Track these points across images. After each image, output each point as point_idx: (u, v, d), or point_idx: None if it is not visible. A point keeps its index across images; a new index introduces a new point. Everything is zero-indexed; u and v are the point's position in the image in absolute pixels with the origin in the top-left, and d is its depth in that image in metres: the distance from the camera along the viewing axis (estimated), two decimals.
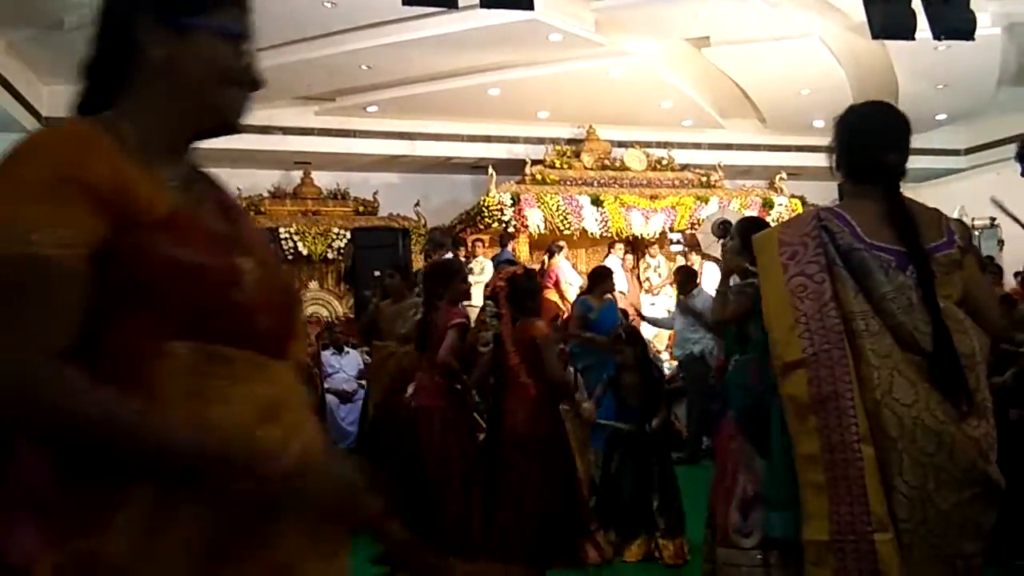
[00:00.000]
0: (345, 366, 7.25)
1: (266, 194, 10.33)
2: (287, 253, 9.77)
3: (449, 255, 7.66)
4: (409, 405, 3.67)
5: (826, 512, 1.65)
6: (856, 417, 1.64)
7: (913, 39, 6.76)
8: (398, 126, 10.40)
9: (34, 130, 1.05)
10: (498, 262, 8.01)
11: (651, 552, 3.81)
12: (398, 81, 9.36)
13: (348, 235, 9.35)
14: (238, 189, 10.03)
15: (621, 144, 11.03)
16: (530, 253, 9.53)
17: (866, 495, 1.60)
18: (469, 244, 9.13)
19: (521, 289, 3.42)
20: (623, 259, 9.80)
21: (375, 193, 10.64)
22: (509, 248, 8.96)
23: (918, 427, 1.63)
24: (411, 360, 4.15)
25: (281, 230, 9.75)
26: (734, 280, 2.77)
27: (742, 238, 2.77)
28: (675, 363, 7.27)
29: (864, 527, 1.60)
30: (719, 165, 11.04)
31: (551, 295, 7.94)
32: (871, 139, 1.90)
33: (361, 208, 10.49)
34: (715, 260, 8.78)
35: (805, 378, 1.69)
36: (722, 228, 8.86)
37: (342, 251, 9.35)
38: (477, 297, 7.96)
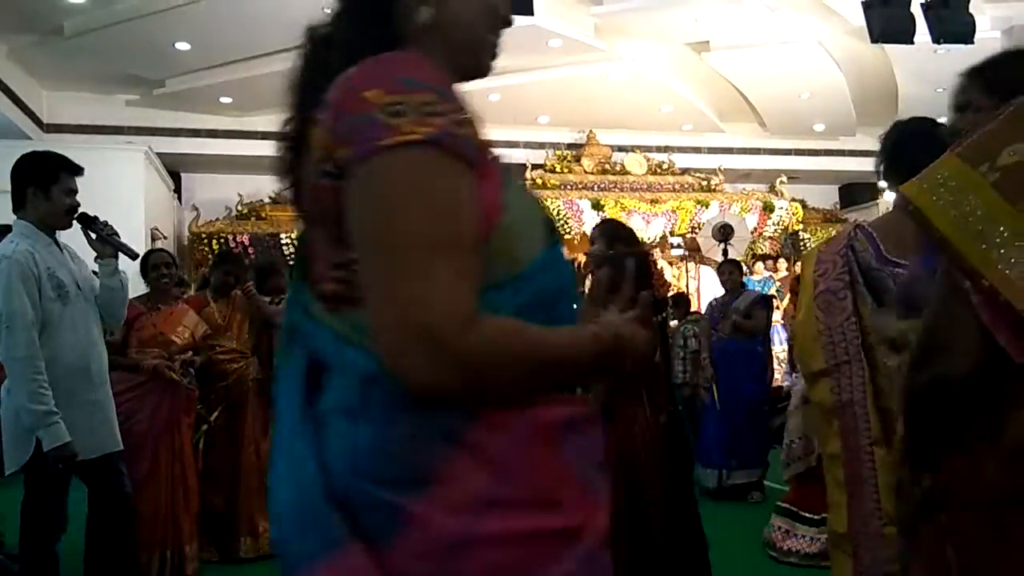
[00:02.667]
0: None
1: (267, 200, 10.34)
2: (288, 258, 9.77)
3: None
4: None
5: (844, 505, 1.81)
6: (869, 423, 1.77)
7: (912, 43, 6.78)
8: None
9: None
10: None
11: None
12: None
13: None
14: (239, 195, 10.07)
15: (621, 148, 11.05)
16: None
17: (878, 493, 1.74)
18: None
19: None
20: None
21: None
22: None
23: None
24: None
25: (283, 236, 9.76)
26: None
27: (607, 240, 3.07)
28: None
29: (876, 521, 1.74)
30: (719, 169, 11.05)
31: None
32: (913, 152, 1.97)
33: None
34: (714, 264, 8.79)
35: (828, 386, 1.84)
36: (723, 232, 8.88)
37: None
38: None
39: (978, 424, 1.05)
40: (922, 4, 6.65)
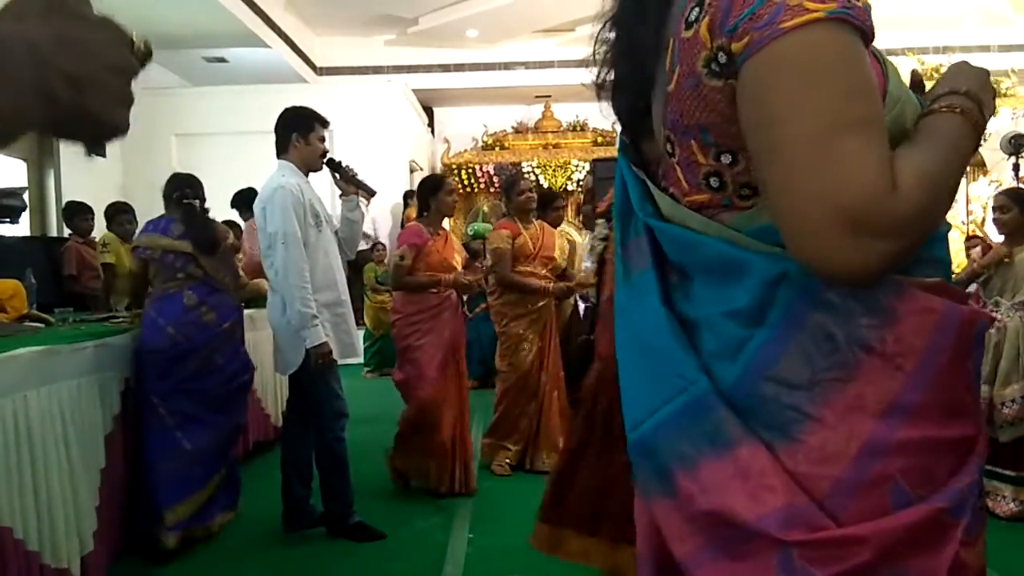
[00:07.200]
0: None
1: (510, 130, 10.68)
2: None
3: None
4: None
5: None
6: None
7: None
8: None
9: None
10: None
11: None
12: None
13: (587, 167, 9.41)
14: (484, 126, 10.51)
15: (890, 52, 9.82)
16: None
17: None
18: None
19: None
20: None
21: (614, 123, 10.53)
22: None
23: None
24: None
25: (524, 165, 10.07)
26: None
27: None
28: None
29: None
30: (1011, 71, 9.48)
31: None
32: None
33: (599, 139, 10.49)
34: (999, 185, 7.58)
35: None
36: (1013, 144, 7.64)
37: (580, 183, 9.45)
38: None
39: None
40: None
